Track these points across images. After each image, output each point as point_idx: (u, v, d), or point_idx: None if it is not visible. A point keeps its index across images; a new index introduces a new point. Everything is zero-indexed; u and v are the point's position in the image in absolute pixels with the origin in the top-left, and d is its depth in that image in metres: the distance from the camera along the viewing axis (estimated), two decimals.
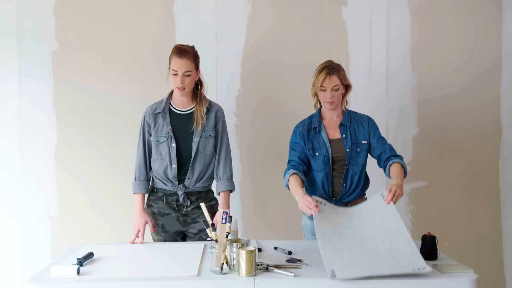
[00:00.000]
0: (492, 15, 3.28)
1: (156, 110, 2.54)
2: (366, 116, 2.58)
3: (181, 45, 2.48)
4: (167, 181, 2.53)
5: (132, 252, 2.22)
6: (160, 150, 2.51)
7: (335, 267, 1.84)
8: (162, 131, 2.52)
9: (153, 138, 2.53)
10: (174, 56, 2.44)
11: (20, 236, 3.27)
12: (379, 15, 3.26)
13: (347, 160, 2.48)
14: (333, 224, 2.07)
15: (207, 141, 2.52)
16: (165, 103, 2.55)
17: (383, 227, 2.05)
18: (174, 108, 2.56)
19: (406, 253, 1.91)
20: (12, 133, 3.23)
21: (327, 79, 2.44)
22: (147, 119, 2.55)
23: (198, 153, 2.51)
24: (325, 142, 2.50)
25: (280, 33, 3.26)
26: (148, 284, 1.80)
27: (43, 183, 3.26)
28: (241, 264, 1.82)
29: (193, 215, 2.56)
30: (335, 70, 2.45)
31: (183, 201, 2.52)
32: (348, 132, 2.51)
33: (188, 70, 2.44)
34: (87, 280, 1.83)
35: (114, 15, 3.22)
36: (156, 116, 2.54)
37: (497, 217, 3.35)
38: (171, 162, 2.49)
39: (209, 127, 2.54)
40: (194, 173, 2.51)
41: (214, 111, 2.57)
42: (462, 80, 3.29)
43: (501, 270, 3.36)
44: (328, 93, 2.45)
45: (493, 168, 3.34)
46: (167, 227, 2.56)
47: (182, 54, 2.43)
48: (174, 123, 2.52)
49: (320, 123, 2.54)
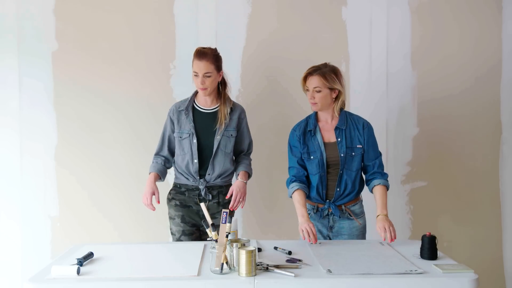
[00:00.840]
0: (493, 15, 3.27)
1: (180, 108, 2.68)
2: (362, 120, 2.55)
3: (201, 48, 2.60)
4: (189, 176, 2.64)
5: (132, 252, 2.21)
6: (182, 146, 2.64)
7: (331, 267, 1.92)
8: (185, 127, 2.64)
9: (176, 134, 2.66)
10: (195, 59, 2.57)
11: (20, 236, 3.27)
12: (379, 15, 3.26)
13: (341, 165, 2.46)
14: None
15: (228, 140, 2.65)
16: (189, 102, 2.68)
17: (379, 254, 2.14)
18: (198, 107, 2.68)
19: (399, 259, 2.03)
20: (12, 133, 3.23)
21: (308, 79, 2.46)
22: (171, 115, 2.70)
23: (218, 150, 2.62)
24: (320, 146, 2.48)
25: (280, 33, 3.26)
26: (148, 284, 1.79)
27: (43, 183, 3.26)
28: (241, 264, 1.82)
29: (212, 211, 2.63)
30: (318, 71, 2.44)
31: (205, 195, 2.62)
32: (343, 135, 2.48)
33: (207, 72, 2.56)
34: (87, 280, 1.82)
35: (114, 15, 3.22)
36: (180, 113, 2.67)
37: (497, 217, 3.35)
38: (193, 157, 2.61)
39: (231, 127, 2.67)
40: (215, 169, 2.63)
41: (238, 112, 2.71)
42: (462, 80, 3.29)
43: (501, 270, 3.35)
44: (309, 94, 2.46)
45: (493, 168, 3.33)
46: (187, 218, 2.65)
47: (201, 56, 2.55)
48: (197, 120, 2.65)
49: (316, 126, 2.53)
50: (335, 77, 2.46)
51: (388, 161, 3.30)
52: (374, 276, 1.83)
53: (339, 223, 2.50)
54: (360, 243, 2.34)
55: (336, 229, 2.51)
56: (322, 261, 2.00)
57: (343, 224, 2.50)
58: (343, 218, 2.50)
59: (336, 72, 2.49)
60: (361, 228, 2.53)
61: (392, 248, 2.22)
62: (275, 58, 3.26)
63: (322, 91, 2.44)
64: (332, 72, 2.47)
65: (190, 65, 3.20)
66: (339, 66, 3.22)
